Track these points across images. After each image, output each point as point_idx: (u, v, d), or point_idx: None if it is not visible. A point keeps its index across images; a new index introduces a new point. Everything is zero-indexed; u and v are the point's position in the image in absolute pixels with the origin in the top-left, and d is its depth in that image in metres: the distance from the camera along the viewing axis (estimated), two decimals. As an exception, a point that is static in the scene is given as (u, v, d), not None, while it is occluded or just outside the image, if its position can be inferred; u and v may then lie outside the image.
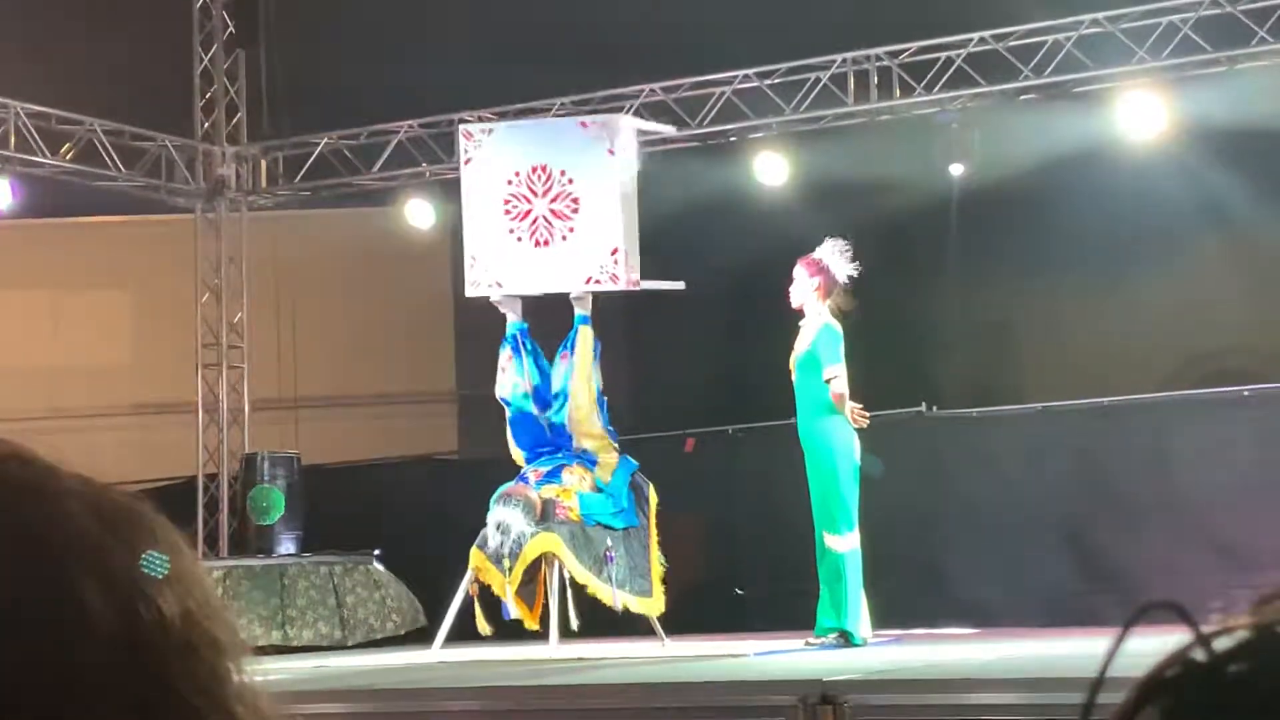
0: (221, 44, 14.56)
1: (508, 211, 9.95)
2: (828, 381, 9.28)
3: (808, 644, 9.20)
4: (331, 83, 14.36)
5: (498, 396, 9.94)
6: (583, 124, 10.38)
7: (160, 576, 0.99)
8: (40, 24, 14.83)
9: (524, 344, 9.88)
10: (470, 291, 10.10)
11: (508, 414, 9.89)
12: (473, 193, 10.11)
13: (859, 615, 9.26)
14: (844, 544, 9.23)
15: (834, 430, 9.31)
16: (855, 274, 9.47)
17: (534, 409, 9.77)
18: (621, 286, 9.79)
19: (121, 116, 13.74)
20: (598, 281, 9.75)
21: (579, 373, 9.62)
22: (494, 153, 10.12)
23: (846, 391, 9.31)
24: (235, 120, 14.62)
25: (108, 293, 17.45)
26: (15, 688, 0.95)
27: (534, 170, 9.95)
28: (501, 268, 9.96)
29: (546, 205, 9.88)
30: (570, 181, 9.87)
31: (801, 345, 9.48)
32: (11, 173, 13.19)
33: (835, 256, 9.48)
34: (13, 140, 12.96)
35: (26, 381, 16.81)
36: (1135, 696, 0.88)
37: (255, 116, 14.64)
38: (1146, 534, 11.08)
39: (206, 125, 14.54)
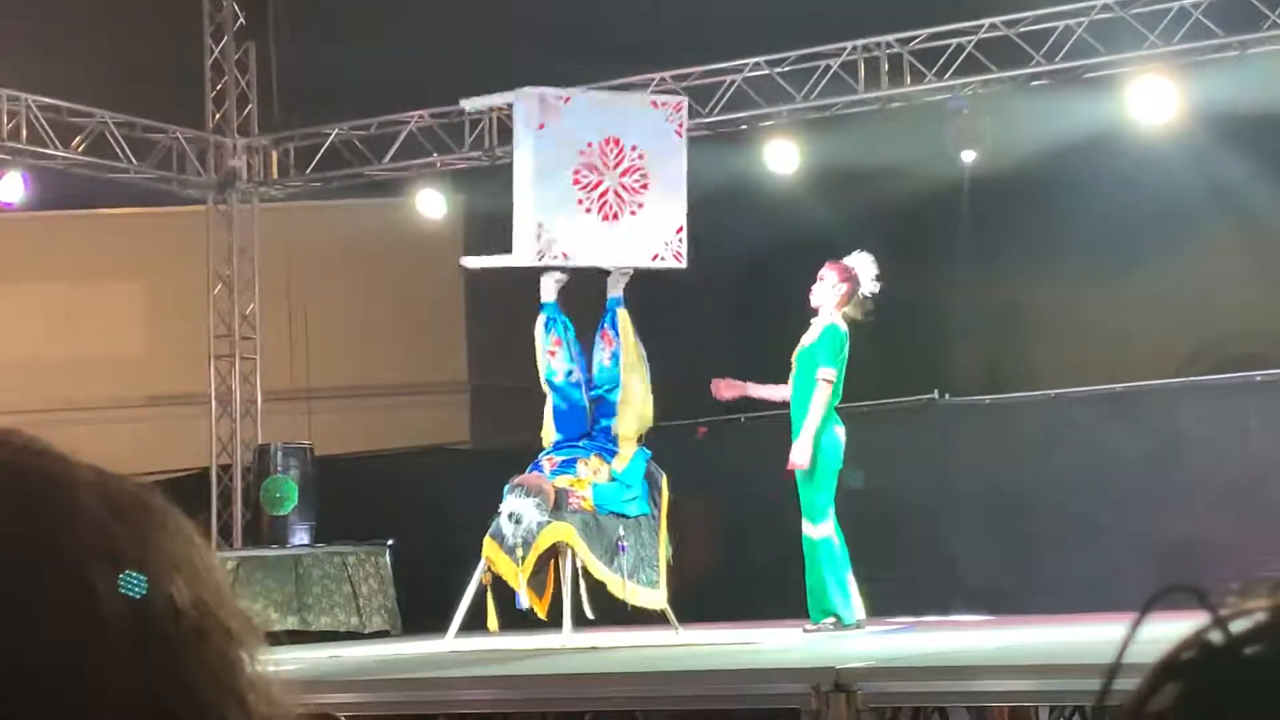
0: (232, 35, 14.56)
1: (577, 181, 9.72)
2: (819, 380, 9.35)
3: (805, 630, 9.29)
4: (342, 73, 14.37)
5: (544, 379, 9.77)
6: (653, 103, 10.29)
7: (138, 597, 0.99)
8: (51, 17, 14.85)
9: (565, 325, 9.77)
10: (533, 261, 9.74)
11: (551, 399, 9.76)
12: (542, 160, 9.81)
13: (847, 599, 9.34)
14: (819, 532, 9.36)
15: (823, 424, 9.40)
16: (877, 289, 9.52)
17: (584, 398, 9.71)
18: (683, 264, 9.74)
19: (133, 108, 13.75)
20: (662, 259, 9.69)
21: (628, 357, 9.62)
22: (570, 123, 9.89)
23: (826, 399, 9.36)
24: (246, 111, 14.62)
25: (120, 284, 17.48)
26: (28, 677, 0.95)
27: (606, 142, 9.79)
28: (569, 239, 9.75)
29: (617, 178, 9.73)
30: (640, 157, 9.76)
31: (807, 340, 9.57)
32: (24, 165, 13.21)
33: (865, 268, 9.54)
34: (24, 133, 12.98)
35: (40, 374, 16.85)
36: (1153, 678, 0.88)
37: (266, 108, 14.65)
38: (1160, 520, 11.07)
39: (217, 117, 14.55)
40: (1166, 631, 0.92)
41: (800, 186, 12.74)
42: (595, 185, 9.66)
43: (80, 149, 13.47)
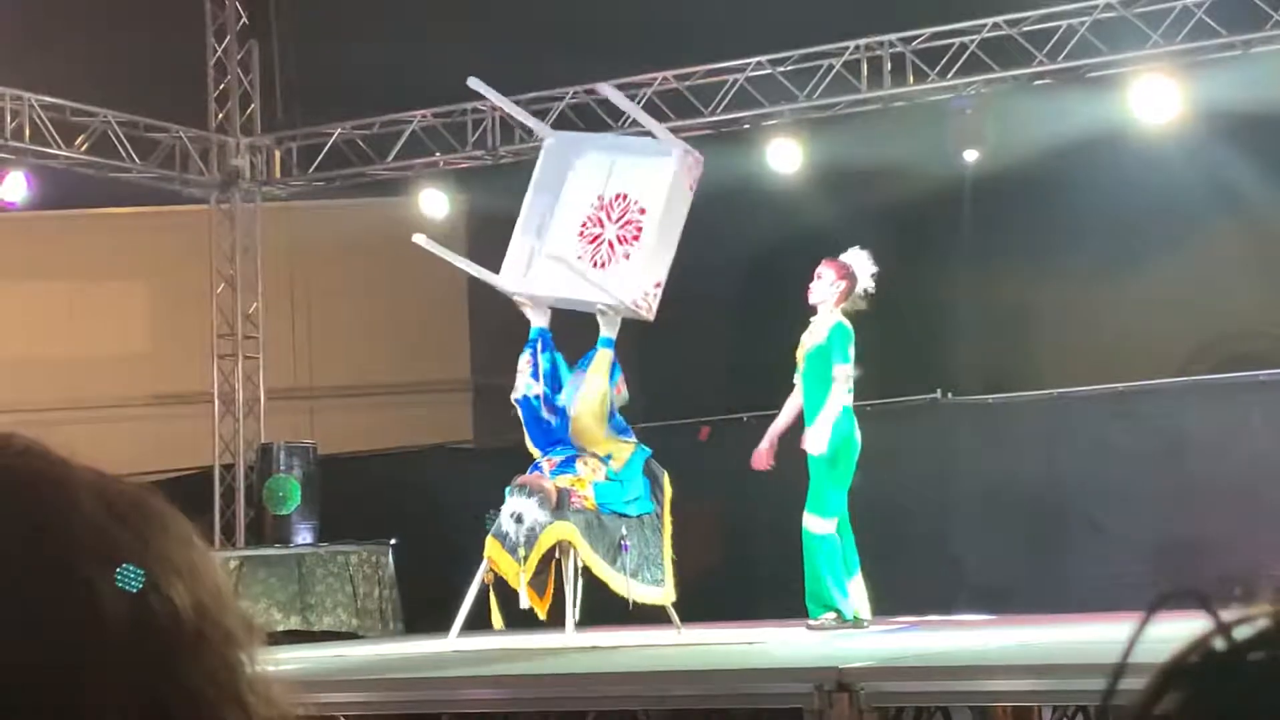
0: (234, 34, 14.56)
1: (581, 234, 9.84)
2: (834, 379, 9.39)
3: (809, 628, 9.32)
4: (344, 72, 14.37)
5: (513, 399, 9.92)
6: (674, 151, 10.19)
7: (134, 590, 0.99)
8: (53, 16, 14.86)
9: (543, 349, 9.85)
10: (517, 290, 9.87)
11: (522, 415, 9.88)
12: (540, 205, 9.93)
13: (846, 595, 9.36)
14: (823, 527, 9.40)
15: (839, 422, 9.42)
16: (873, 287, 9.55)
17: (545, 412, 9.78)
18: (651, 318, 9.71)
19: (135, 108, 13.76)
20: (632, 307, 9.65)
21: (588, 389, 9.59)
22: (581, 171, 9.98)
23: (843, 392, 9.42)
24: (249, 111, 14.63)
25: (123, 284, 17.48)
26: (29, 678, 0.95)
27: (617, 197, 9.87)
28: (558, 277, 9.84)
29: (615, 230, 9.83)
30: (641, 212, 9.80)
31: (815, 338, 9.58)
32: (26, 165, 13.21)
33: (863, 265, 9.57)
34: (27, 132, 12.98)
35: (43, 373, 16.85)
36: (1156, 683, 0.88)
37: (269, 107, 14.65)
38: (1162, 519, 11.06)
39: (220, 116, 14.55)
40: (1170, 632, 0.91)
41: (803, 186, 12.74)
42: (595, 239, 9.78)
43: (83, 148, 13.47)
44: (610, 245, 9.77)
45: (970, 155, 12.38)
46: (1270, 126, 11.75)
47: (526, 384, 9.85)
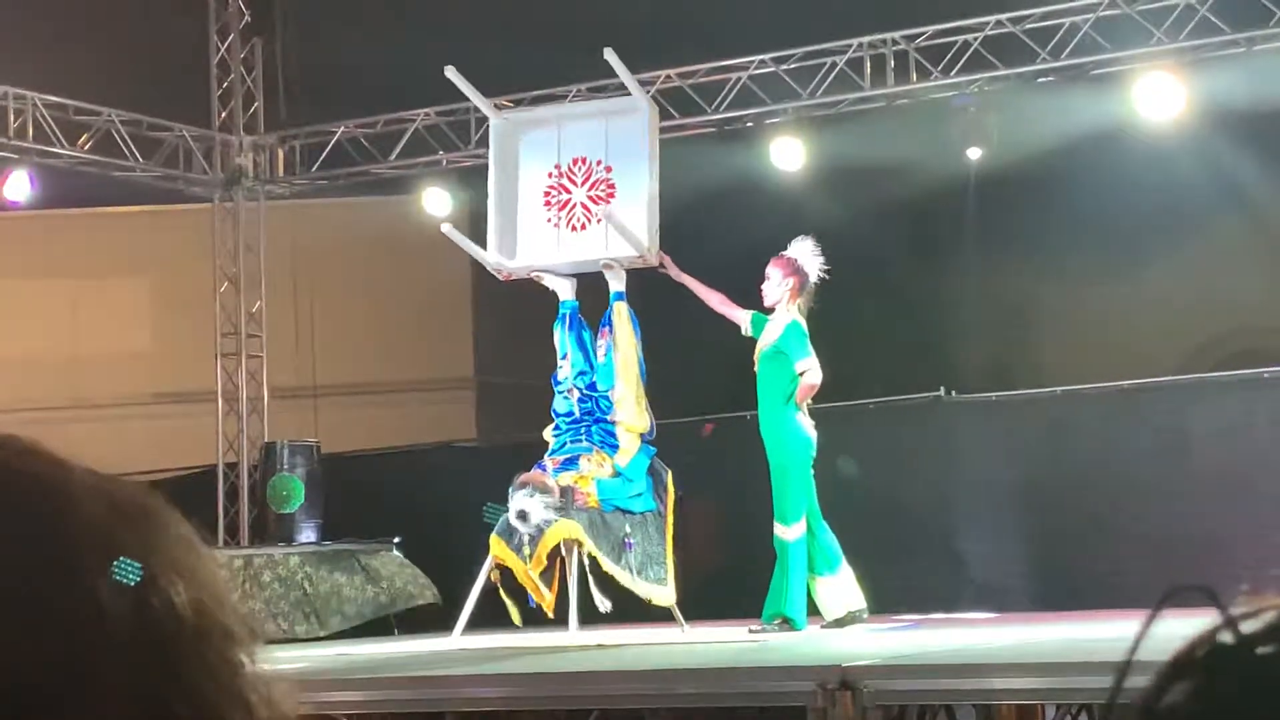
0: (238, 33, 14.56)
1: (548, 204, 10.03)
2: (801, 374, 9.38)
3: (751, 630, 9.28)
4: (348, 71, 14.37)
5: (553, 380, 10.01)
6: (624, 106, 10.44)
7: (132, 584, 0.99)
8: (56, 15, 14.86)
9: (569, 326, 9.92)
10: (502, 275, 10.12)
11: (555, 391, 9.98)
12: (506, 183, 10.15)
13: (802, 601, 9.37)
14: (791, 534, 9.42)
15: (792, 423, 9.43)
16: (825, 274, 9.58)
17: (567, 393, 9.82)
18: (653, 262, 9.83)
19: (139, 106, 13.76)
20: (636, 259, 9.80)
21: (621, 351, 9.67)
22: (530, 146, 10.18)
23: (819, 383, 9.43)
24: (252, 109, 14.63)
25: (127, 283, 17.49)
26: (29, 678, 0.95)
27: (575, 161, 10.04)
28: (536, 252, 9.99)
29: (585, 193, 9.97)
30: (608, 170, 9.96)
31: (769, 339, 9.63)
32: (30, 164, 13.21)
33: (808, 256, 9.60)
34: (31, 131, 12.99)
35: (46, 372, 16.86)
36: (1163, 676, 0.87)
37: (272, 105, 14.65)
38: (1166, 517, 11.05)
39: (224, 114, 14.55)
40: (1176, 630, 0.91)
41: (806, 184, 12.73)
42: (565, 204, 9.94)
43: (86, 147, 13.48)
44: (584, 207, 9.94)
45: (974, 153, 12.38)
46: (1274, 123, 11.75)
47: (558, 363, 9.93)
